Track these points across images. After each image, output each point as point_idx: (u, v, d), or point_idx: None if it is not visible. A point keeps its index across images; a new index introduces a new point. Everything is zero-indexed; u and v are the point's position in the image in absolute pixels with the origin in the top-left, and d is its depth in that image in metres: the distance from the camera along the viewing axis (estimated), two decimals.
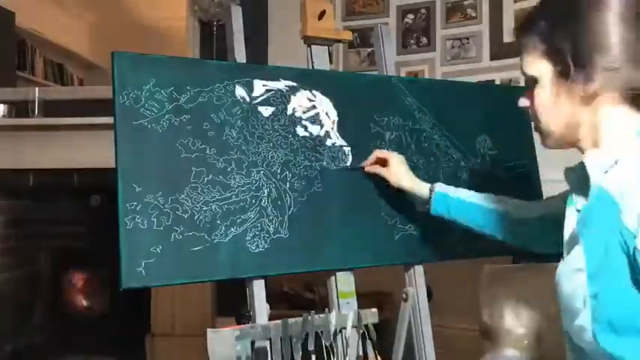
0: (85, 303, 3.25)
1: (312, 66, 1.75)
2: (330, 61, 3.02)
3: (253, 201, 1.48)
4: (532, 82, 1.08)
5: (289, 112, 1.58)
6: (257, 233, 1.47)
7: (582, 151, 1.07)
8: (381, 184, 1.63)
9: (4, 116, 2.92)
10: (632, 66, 0.98)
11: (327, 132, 1.62)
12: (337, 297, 1.61)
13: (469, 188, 1.56)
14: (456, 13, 2.92)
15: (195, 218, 1.40)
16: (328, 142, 1.62)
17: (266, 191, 1.50)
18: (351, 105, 1.68)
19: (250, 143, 1.51)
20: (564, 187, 1.33)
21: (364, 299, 1.69)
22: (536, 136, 1.90)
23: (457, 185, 1.60)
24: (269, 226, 1.49)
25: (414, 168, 1.69)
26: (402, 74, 2.94)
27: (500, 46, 2.78)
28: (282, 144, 1.55)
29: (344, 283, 1.62)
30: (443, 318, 1.86)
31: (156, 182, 1.38)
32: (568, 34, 1.01)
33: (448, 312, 2.10)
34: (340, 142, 1.63)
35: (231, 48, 1.61)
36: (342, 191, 1.61)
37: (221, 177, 1.45)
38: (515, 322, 1.76)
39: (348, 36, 1.85)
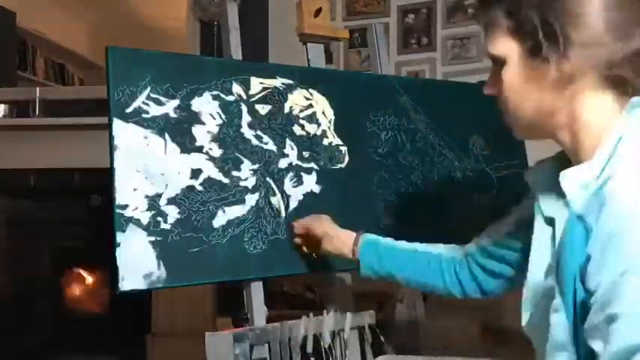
0: (85, 303, 3.25)
1: (309, 64, 1.75)
2: (331, 61, 3.03)
3: (251, 201, 1.45)
4: (498, 63, 0.93)
5: (286, 110, 1.56)
6: (255, 234, 1.44)
7: (559, 142, 0.93)
8: (378, 184, 1.63)
9: (4, 116, 2.93)
10: (613, 38, 0.83)
11: (323, 131, 1.60)
12: (335, 299, 1.60)
13: (461, 188, 1.57)
14: (456, 12, 2.91)
15: (193, 219, 1.37)
16: (325, 142, 1.60)
17: (263, 191, 1.48)
18: (347, 104, 1.66)
19: (247, 142, 1.48)
20: None
21: (365, 299, 1.69)
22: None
23: (452, 185, 1.59)
24: (267, 227, 1.46)
25: (409, 167, 1.70)
26: (403, 74, 2.94)
27: None
28: (279, 143, 1.53)
29: (342, 284, 1.61)
30: (440, 317, 1.86)
31: (152, 181, 1.35)
32: (536, 5, 0.85)
33: (445, 311, 2.09)
34: (337, 141, 1.62)
35: (227, 44, 1.60)
36: (339, 192, 1.59)
37: (218, 176, 1.43)
38: (516, 321, 1.76)
39: (344, 34, 1.85)
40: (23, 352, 2.97)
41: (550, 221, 0.93)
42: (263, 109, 1.52)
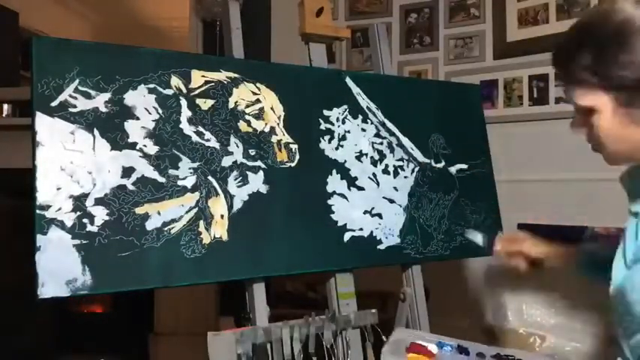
0: (87, 302, 3.26)
1: (311, 64, 1.74)
2: (333, 60, 3.03)
3: (189, 202, 1.37)
4: (587, 111, 1.03)
5: (231, 105, 1.48)
6: (193, 237, 1.36)
7: None
8: (331, 184, 1.58)
9: (7, 116, 2.93)
10: None
11: (272, 128, 1.53)
12: (337, 298, 1.60)
13: (421, 188, 1.61)
14: (459, 12, 2.90)
15: (123, 221, 1.29)
16: (274, 139, 1.53)
17: (204, 191, 1.40)
18: (298, 100, 1.59)
19: (187, 138, 1.40)
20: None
21: (368, 298, 1.69)
22: (491, 136, 1.90)
23: (410, 184, 1.65)
24: (207, 230, 1.39)
25: (365, 166, 1.66)
26: (405, 74, 2.93)
27: (504, 46, 2.77)
28: (222, 140, 1.45)
29: (343, 284, 1.61)
30: (440, 316, 1.86)
31: (78, 180, 1.26)
32: (622, 64, 0.94)
33: (446, 310, 2.09)
34: (287, 138, 1.54)
35: (228, 44, 1.59)
36: (289, 191, 1.52)
37: (153, 175, 1.35)
38: (519, 321, 1.75)
39: (346, 33, 1.84)
40: (26, 351, 2.97)
41: (635, 215, 1.07)
42: (205, 103, 1.45)
